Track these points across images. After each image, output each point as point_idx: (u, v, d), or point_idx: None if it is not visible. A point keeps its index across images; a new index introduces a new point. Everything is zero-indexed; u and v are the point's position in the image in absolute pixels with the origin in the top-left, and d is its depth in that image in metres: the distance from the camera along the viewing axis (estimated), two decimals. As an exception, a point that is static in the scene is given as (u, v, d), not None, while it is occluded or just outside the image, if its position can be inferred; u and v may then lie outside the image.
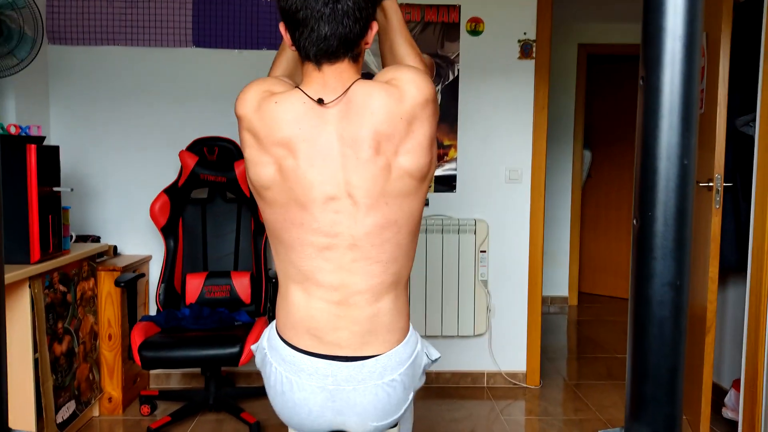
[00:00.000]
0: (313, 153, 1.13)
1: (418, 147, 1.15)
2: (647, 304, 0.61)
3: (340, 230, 1.15)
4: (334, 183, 1.13)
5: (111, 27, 3.10)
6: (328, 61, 1.14)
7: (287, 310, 1.22)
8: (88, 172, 3.17)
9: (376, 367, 1.20)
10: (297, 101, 1.14)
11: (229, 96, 3.16)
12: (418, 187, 1.18)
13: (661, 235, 0.60)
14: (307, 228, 1.15)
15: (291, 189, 1.14)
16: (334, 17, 1.10)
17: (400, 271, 1.21)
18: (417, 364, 1.27)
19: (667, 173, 0.60)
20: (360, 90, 1.14)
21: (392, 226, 1.17)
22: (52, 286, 2.45)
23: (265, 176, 1.16)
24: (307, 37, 1.12)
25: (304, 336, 1.20)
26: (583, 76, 4.91)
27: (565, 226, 5.08)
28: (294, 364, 1.21)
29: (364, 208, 1.14)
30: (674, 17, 0.58)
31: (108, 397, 2.87)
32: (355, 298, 1.18)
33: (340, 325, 1.18)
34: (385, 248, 1.17)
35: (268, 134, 1.15)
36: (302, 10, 1.10)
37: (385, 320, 1.20)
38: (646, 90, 0.60)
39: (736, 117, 2.75)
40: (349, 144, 1.12)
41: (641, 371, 0.62)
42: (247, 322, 2.77)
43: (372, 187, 1.13)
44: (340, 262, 1.16)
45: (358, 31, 1.13)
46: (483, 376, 3.31)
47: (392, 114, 1.12)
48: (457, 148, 3.20)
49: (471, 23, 3.15)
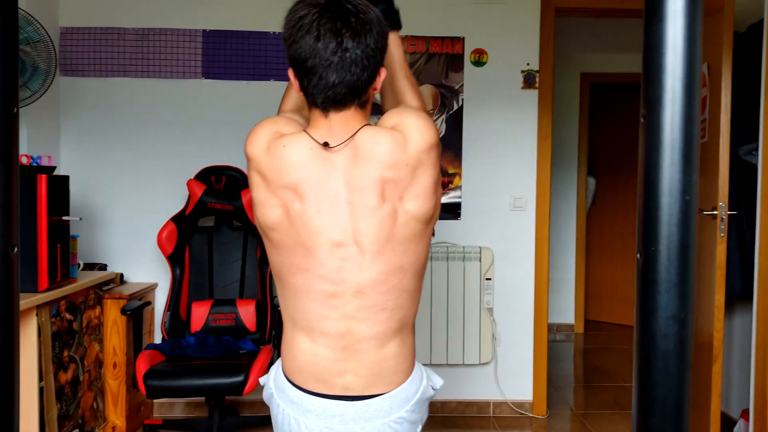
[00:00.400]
0: (319, 199, 1.14)
1: (423, 192, 1.16)
2: (652, 337, 0.62)
3: (346, 277, 1.15)
4: (341, 229, 1.14)
5: (123, 59, 3.16)
6: (335, 108, 1.15)
7: (293, 355, 1.22)
8: (97, 200, 3.20)
9: (383, 405, 1.20)
10: (304, 146, 1.15)
11: (237, 126, 3.20)
12: (423, 230, 1.19)
13: (665, 269, 0.62)
14: (313, 274, 1.16)
15: (297, 233, 1.15)
16: (342, 65, 1.10)
17: (405, 316, 1.22)
18: (423, 398, 1.28)
19: (669, 209, 0.61)
20: (366, 137, 1.15)
21: (398, 273, 1.17)
22: (59, 314, 2.46)
23: (272, 218, 1.17)
24: (315, 84, 1.13)
25: (309, 380, 1.21)
26: (586, 104, 4.96)
27: (570, 253, 5.08)
28: (301, 405, 1.21)
29: (370, 255, 1.14)
30: (674, 58, 0.60)
31: (112, 426, 2.85)
32: (361, 344, 1.18)
33: (346, 368, 1.19)
34: (390, 295, 1.17)
35: (275, 177, 1.16)
36: (311, 58, 1.10)
37: (391, 363, 1.21)
38: (648, 128, 0.62)
39: (739, 146, 2.77)
40: (356, 191, 1.13)
41: (647, 404, 0.62)
42: (252, 350, 2.77)
43: (379, 234, 1.14)
44: (345, 309, 1.16)
45: (366, 79, 1.14)
46: (489, 405, 3.28)
47: (397, 160, 1.14)
48: (461, 176, 3.23)
49: (475, 54, 3.20)
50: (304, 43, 1.10)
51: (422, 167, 1.16)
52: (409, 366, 1.24)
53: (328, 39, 1.09)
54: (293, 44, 1.12)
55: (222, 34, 3.17)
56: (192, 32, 3.17)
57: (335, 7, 1.10)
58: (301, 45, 1.11)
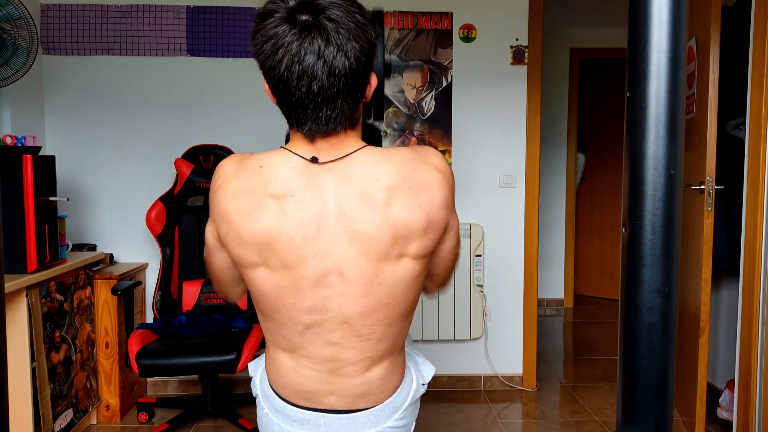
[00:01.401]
0: (305, 226, 1.01)
1: (431, 243, 1.08)
2: (636, 310, 0.63)
3: (332, 308, 1.06)
4: (327, 259, 1.03)
5: (106, 37, 3.11)
6: (322, 136, 1.02)
7: (276, 371, 1.17)
8: (84, 181, 3.18)
9: (370, 418, 1.17)
10: (284, 167, 1.03)
11: (223, 104, 3.17)
12: (419, 269, 1.08)
13: (650, 243, 0.62)
14: (299, 307, 1.06)
15: (278, 272, 1.04)
16: (329, 95, 0.97)
17: (394, 343, 1.15)
18: (413, 401, 1.25)
19: (654, 183, 0.62)
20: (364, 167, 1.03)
21: (384, 308, 1.08)
22: (49, 295, 2.45)
23: (249, 260, 1.06)
24: (298, 118, 1.01)
25: (294, 396, 1.17)
26: (576, 80, 4.95)
27: (559, 229, 5.11)
28: (286, 415, 1.19)
29: (354, 287, 1.05)
30: (659, 31, 0.60)
31: (106, 405, 2.87)
32: (346, 369, 1.12)
33: (331, 389, 1.14)
34: (376, 328, 1.09)
35: (253, 238, 1.04)
36: (294, 89, 0.97)
37: (378, 384, 1.16)
38: (632, 102, 0.62)
39: (726, 121, 2.78)
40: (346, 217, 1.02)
41: (631, 377, 0.63)
42: (244, 328, 2.78)
43: (366, 268, 1.03)
44: (329, 337, 1.09)
45: (357, 98, 1.02)
46: (480, 379, 3.32)
47: (409, 221, 1.03)
48: (451, 153, 3.22)
49: (463, 30, 3.18)
50: (282, 67, 0.96)
51: (433, 229, 1.07)
52: (398, 382, 1.19)
53: (309, 63, 0.94)
54: (269, 69, 0.98)
55: (206, 10, 3.12)
56: (176, 8, 3.11)
57: (315, 22, 0.94)
58: (279, 70, 0.96)
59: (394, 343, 1.15)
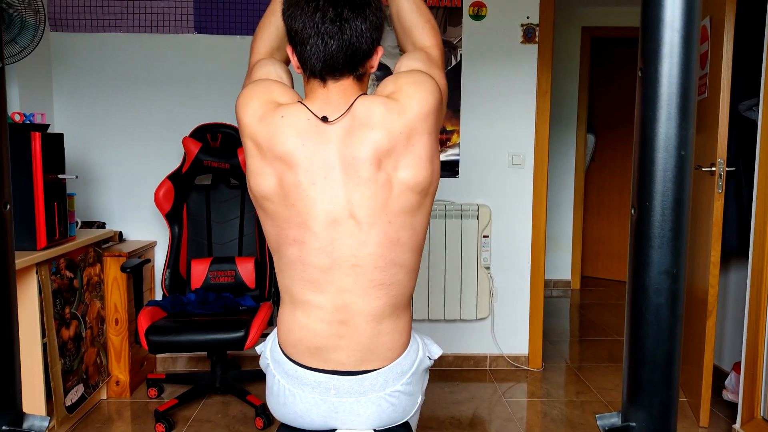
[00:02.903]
0: (314, 170, 1.13)
1: (417, 160, 1.14)
2: (644, 291, 0.63)
3: (342, 251, 1.14)
4: (336, 202, 1.13)
5: (113, 14, 3.09)
6: (332, 77, 1.16)
7: (288, 328, 1.22)
8: (92, 159, 3.19)
9: (377, 380, 1.21)
10: (302, 117, 1.15)
11: (231, 82, 3.16)
12: (420, 202, 1.18)
13: (659, 224, 0.62)
14: (308, 247, 1.15)
15: (292, 205, 1.14)
16: (341, 34, 1.12)
17: (402, 292, 1.21)
18: (420, 370, 1.28)
19: (664, 164, 0.61)
20: (362, 106, 1.15)
21: (395, 246, 1.16)
22: (59, 272, 2.47)
23: (266, 187, 1.16)
24: (314, 53, 1.14)
25: (305, 354, 1.21)
26: (587, 59, 4.89)
27: (567, 210, 5.09)
28: (296, 378, 1.22)
29: (366, 227, 1.13)
30: (672, 9, 0.59)
31: (116, 381, 2.91)
32: (356, 319, 1.17)
33: (340, 344, 1.19)
34: (387, 270, 1.16)
35: (270, 147, 1.15)
36: (311, 28, 1.12)
37: (386, 339, 1.20)
38: (645, 81, 0.61)
39: (739, 101, 2.74)
40: (350, 162, 1.13)
41: (638, 357, 0.63)
42: (252, 306, 2.80)
43: (374, 206, 1.13)
44: (341, 284, 1.16)
45: (364, 50, 1.15)
46: (485, 359, 3.34)
47: (392, 129, 1.13)
48: (459, 133, 3.20)
49: (473, 8, 3.14)
50: (303, 14, 1.12)
51: (417, 135, 1.14)
52: (405, 341, 1.24)
53: (326, 9, 1.11)
54: (292, 17, 1.14)
55: (215, -13, 3.09)
56: (184, -15, 3.09)
57: None
58: (301, 16, 1.13)
59: (402, 293, 1.20)
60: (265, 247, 2.98)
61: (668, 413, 0.63)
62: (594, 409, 2.85)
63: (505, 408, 2.85)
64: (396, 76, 1.21)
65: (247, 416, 2.74)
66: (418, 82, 1.17)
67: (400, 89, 1.16)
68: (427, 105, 1.15)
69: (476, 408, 2.85)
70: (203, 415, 2.76)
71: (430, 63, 1.27)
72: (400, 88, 1.17)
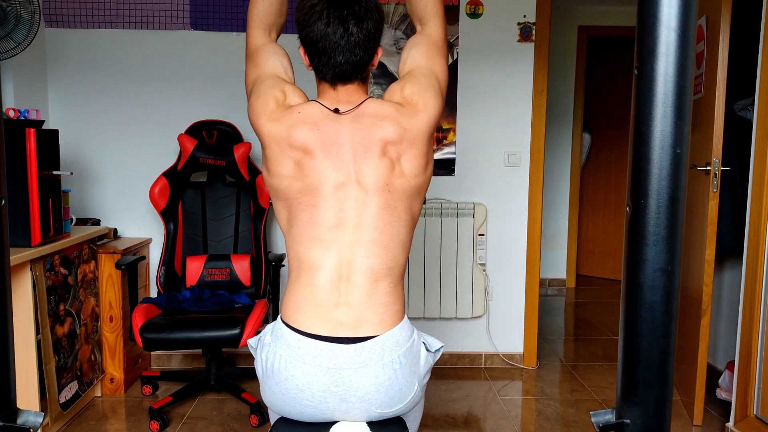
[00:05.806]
0: (327, 147, 1.30)
1: (418, 159, 1.33)
2: (639, 289, 0.63)
3: (348, 212, 1.29)
4: (344, 170, 1.29)
5: (109, 10, 3.08)
6: (341, 82, 1.35)
7: (296, 292, 1.32)
8: (87, 156, 3.17)
9: (375, 348, 1.26)
10: (315, 110, 1.33)
11: (226, 79, 3.15)
12: (416, 187, 1.35)
13: (654, 222, 0.62)
14: (318, 209, 1.29)
15: (306, 176, 1.29)
16: (347, 48, 1.31)
17: (397, 257, 1.33)
18: (415, 350, 1.32)
19: (660, 162, 0.61)
20: (372, 105, 1.34)
21: (393, 212, 1.31)
22: (53, 268, 2.47)
23: (284, 170, 1.31)
24: (325, 63, 1.33)
25: (308, 314, 1.28)
26: (583, 58, 4.89)
27: (563, 209, 5.10)
28: (299, 348, 1.27)
29: (370, 193, 1.29)
30: (668, 8, 0.59)
31: (110, 378, 2.90)
32: (355, 275, 1.29)
33: (340, 301, 1.28)
34: (386, 231, 1.30)
35: (289, 138, 1.30)
36: (321, 41, 1.31)
37: (382, 301, 1.29)
38: (640, 80, 0.61)
39: (734, 101, 2.75)
40: (359, 141, 1.30)
41: (633, 354, 0.64)
42: (247, 304, 2.80)
43: (378, 177, 1.30)
44: (344, 241, 1.29)
45: (366, 59, 1.35)
46: (480, 357, 3.34)
47: (401, 124, 1.32)
48: (456, 131, 3.21)
49: (470, 6, 3.14)
50: (315, 27, 1.30)
51: (420, 138, 1.33)
52: (399, 310, 1.33)
53: (336, 25, 1.29)
54: (306, 28, 1.32)
55: (211, -16, 3.08)
56: (180, -18, 3.08)
57: None
58: (313, 29, 1.30)
59: (396, 262, 1.33)
60: (260, 244, 2.98)
61: (662, 410, 0.64)
62: (588, 407, 2.86)
63: (500, 406, 2.86)
64: (402, 86, 1.39)
65: (242, 413, 2.74)
66: (423, 90, 1.36)
67: (407, 101, 1.35)
68: (435, 115, 1.35)
69: (471, 406, 2.85)
70: (198, 412, 2.75)
71: (432, 51, 1.43)
72: (408, 99, 1.36)
